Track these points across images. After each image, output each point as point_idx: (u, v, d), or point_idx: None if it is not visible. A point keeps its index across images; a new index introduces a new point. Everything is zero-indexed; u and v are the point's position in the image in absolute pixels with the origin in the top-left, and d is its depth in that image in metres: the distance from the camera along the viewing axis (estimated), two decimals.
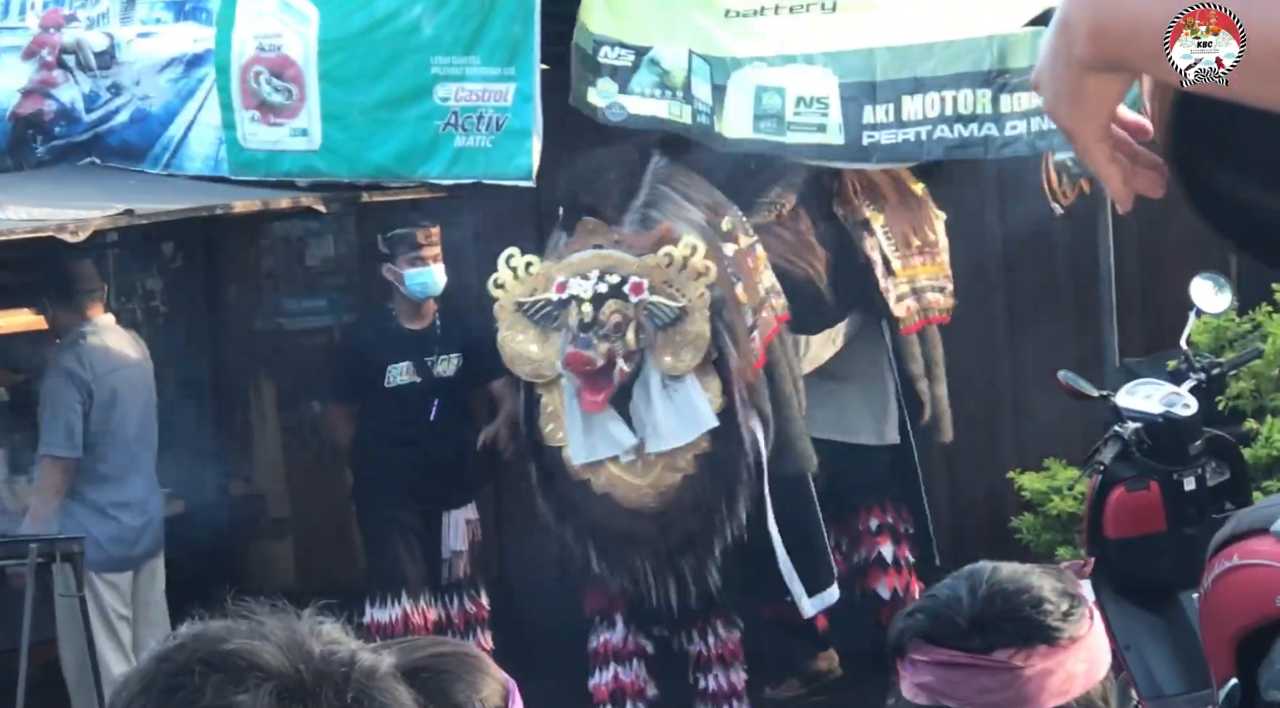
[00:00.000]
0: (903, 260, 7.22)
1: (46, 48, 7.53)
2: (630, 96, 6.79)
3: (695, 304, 6.20)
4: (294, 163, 7.28)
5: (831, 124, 6.66)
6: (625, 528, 6.38)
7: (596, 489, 6.38)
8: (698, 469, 6.30)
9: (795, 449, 6.58)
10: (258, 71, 7.21)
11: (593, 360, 6.11)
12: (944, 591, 2.00)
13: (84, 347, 7.11)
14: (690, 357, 6.21)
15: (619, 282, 6.21)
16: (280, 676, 1.26)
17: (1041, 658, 1.94)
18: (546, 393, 6.43)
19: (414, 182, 7.23)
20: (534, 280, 6.33)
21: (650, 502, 6.33)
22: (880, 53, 6.65)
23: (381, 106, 7.10)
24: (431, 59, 7.02)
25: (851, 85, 6.64)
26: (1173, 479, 5.64)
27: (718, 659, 6.68)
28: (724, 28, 6.80)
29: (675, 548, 6.37)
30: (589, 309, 6.19)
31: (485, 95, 6.98)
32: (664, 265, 6.19)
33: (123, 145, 7.48)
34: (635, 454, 6.32)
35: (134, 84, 7.43)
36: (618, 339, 6.17)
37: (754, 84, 6.71)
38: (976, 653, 1.93)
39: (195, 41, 7.38)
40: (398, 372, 7.29)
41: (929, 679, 1.94)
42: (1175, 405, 5.69)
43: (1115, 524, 5.67)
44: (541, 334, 6.33)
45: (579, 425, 6.32)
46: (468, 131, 6.99)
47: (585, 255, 6.28)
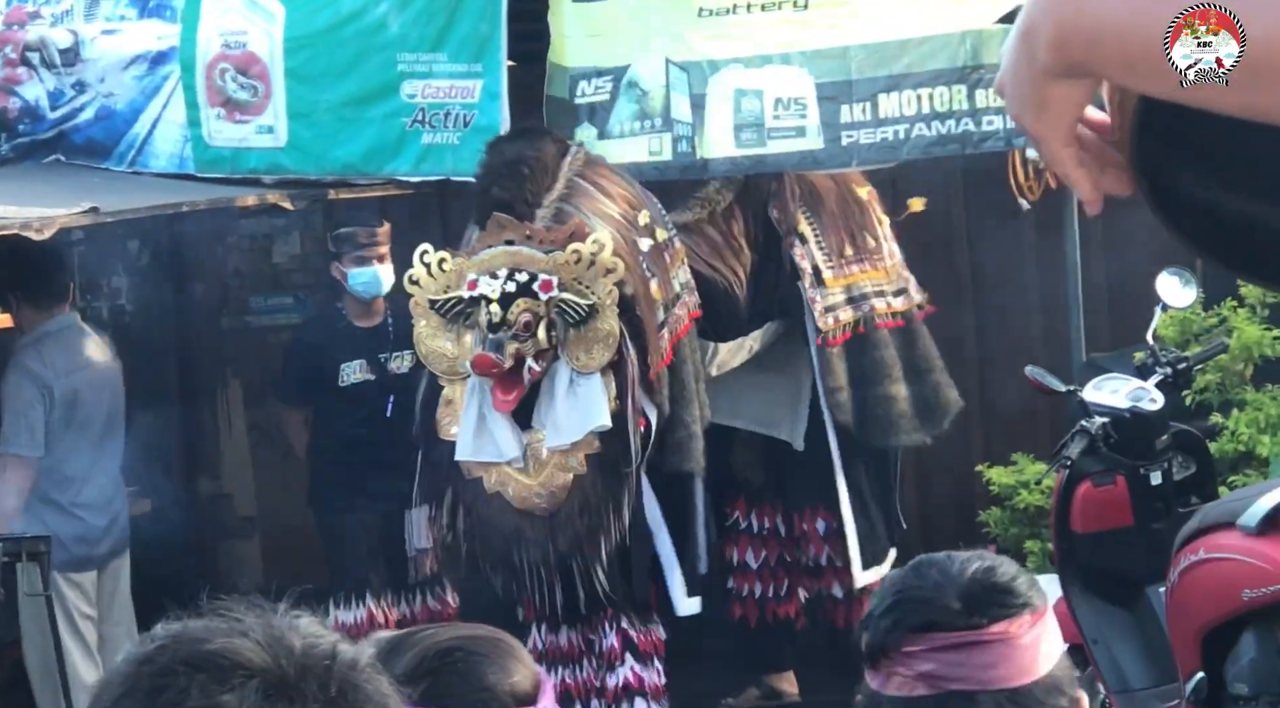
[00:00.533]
0: (835, 270, 7.14)
1: (10, 45, 7.50)
2: (609, 141, 6.81)
3: (605, 301, 6.13)
4: (260, 160, 7.25)
5: (810, 126, 6.68)
6: (514, 527, 6.31)
7: (488, 487, 6.31)
8: (589, 469, 6.24)
9: (689, 449, 6.50)
10: (223, 68, 7.19)
11: (499, 363, 6.03)
12: (913, 582, 2.04)
13: (46, 345, 7.09)
14: (601, 353, 6.15)
15: (528, 280, 6.12)
16: (264, 673, 1.26)
17: (1029, 626, 2.02)
18: (449, 386, 6.37)
19: (381, 179, 7.21)
20: (447, 277, 6.25)
21: (541, 502, 6.26)
22: (855, 51, 6.67)
23: (348, 104, 7.09)
24: (398, 56, 7.01)
25: (828, 85, 6.67)
26: (1139, 474, 5.66)
27: (629, 652, 6.54)
28: (698, 28, 6.81)
29: (563, 551, 6.30)
30: (497, 309, 6.10)
31: (452, 92, 6.97)
32: (573, 262, 6.11)
33: (88, 143, 7.45)
34: (521, 461, 6.27)
35: (99, 81, 7.40)
36: (527, 338, 6.10)
37: (733, 88, 6.73)
38: (978, 629, 1.99)
39: (160, 39, 7.35)
40: (351, 370, 7.28)
41: (930, 667, 1.98)
42: (1142, 400, 5.70)
43: (1082, 519, 5.69)
44: (455, 332, 6.27)
45: (471, 424, 6.25)
46: (435, 128, 6.98)
47: (495, 252, 6.19)
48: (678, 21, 6.84)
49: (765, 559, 7.47)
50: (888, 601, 2.04)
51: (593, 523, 6.27)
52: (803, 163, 6.83)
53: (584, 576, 6.33)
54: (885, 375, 7.22)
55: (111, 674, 1.29)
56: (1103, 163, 1.35)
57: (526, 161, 6.28)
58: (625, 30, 6.90)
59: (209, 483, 9.38)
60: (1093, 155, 1.35)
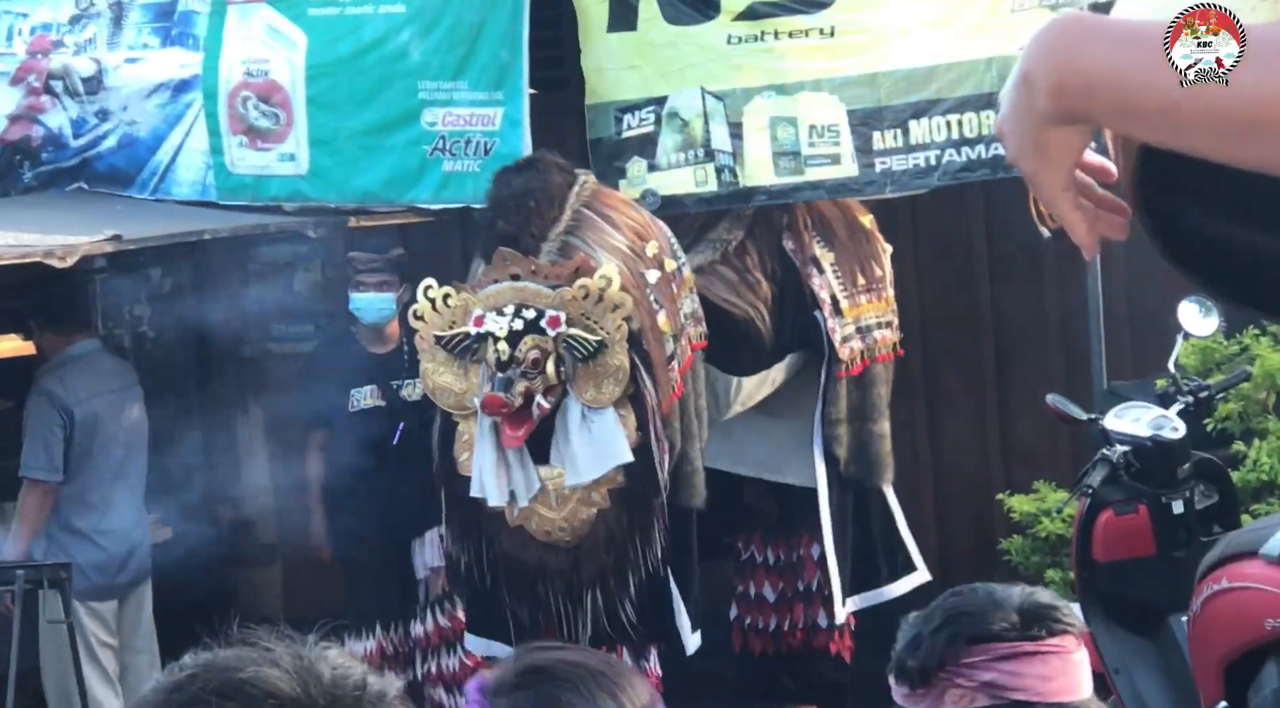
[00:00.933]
0: (850, 300, 7.13)
1: (34, 74, 7.53)
2: (659, 172, 6.83)
3: (614, 336, 6.08)
4: (281, 188, 7.28)
5: (845, 153, 6.71)
6: (538, 560, 6.27)
7: (510, 521, 6.27)
8: (612, 504, 6.19)
9: (691, 483, 6.46)
10: (245, 97, 7.22)
11: (509, 403, 5.98)
12: (964, 602, 2.09)
13: (68, 370, 7.13)
14: (612, 388, 6.11)
15: (535, 316, 6.08)
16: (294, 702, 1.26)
17: (1077, 644, 2.11)
18: (464, 421, 6.33)
19: (402, 206, 7.23)
20: (453, 313, 6.21)
21: (565, 536, 6.22)
22: (883, 77, 6.70)
23: (369, 132, 7.11)
24: (419, 84, 7.03)
25: (859, 112, 6.70)
26: (1161, 502, 5.64)
27: None
28: (729, 56, 6.83)
29: (588, 583, 6.25)
30: (505, 347, 6.05)
31: (473, 120, 6.98)
32: (580, 298, 6.07)
33: (110, 170, 7.48)
34: (529, 502, 6.23)
35: (121, 109, 7.43)
36: (536, 375, 6.05)
37: (767, 116, 6.75)
38: (1036, 640, 2.06)
39: (183, 67, 7.38)
40: (361, 395, 7.26)
41: (991, 677, 2.02)
42: (1163, 428, 5.69)
43: (1104, 547, 5.67)
44: (461, 367, 6.23)
45: (485, 462, 6.20)
46: (455, 156, 6.99)
47: (501, 288, 6.14)
48: (709, 50, 6.87)
49: (782, 592, 7.44)
50: (937, 620, 2.07)
51: (619, 556, 6.23)
52: (839, 190, 6.85)
53: (609, 610, 6.28)
54: (879, 413, 7.23)
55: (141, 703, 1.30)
56: (1099, 207, 1.37)
57: (533, 194, 6.23)
58: (660, 60, 6.92)
59: (229, 510, 9.39)
60: (1089, 200, 1.36)
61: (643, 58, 6.96)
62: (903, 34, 6.78)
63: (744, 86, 6.82)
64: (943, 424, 8.72)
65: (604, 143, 6.98)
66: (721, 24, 6.89)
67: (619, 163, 6.91)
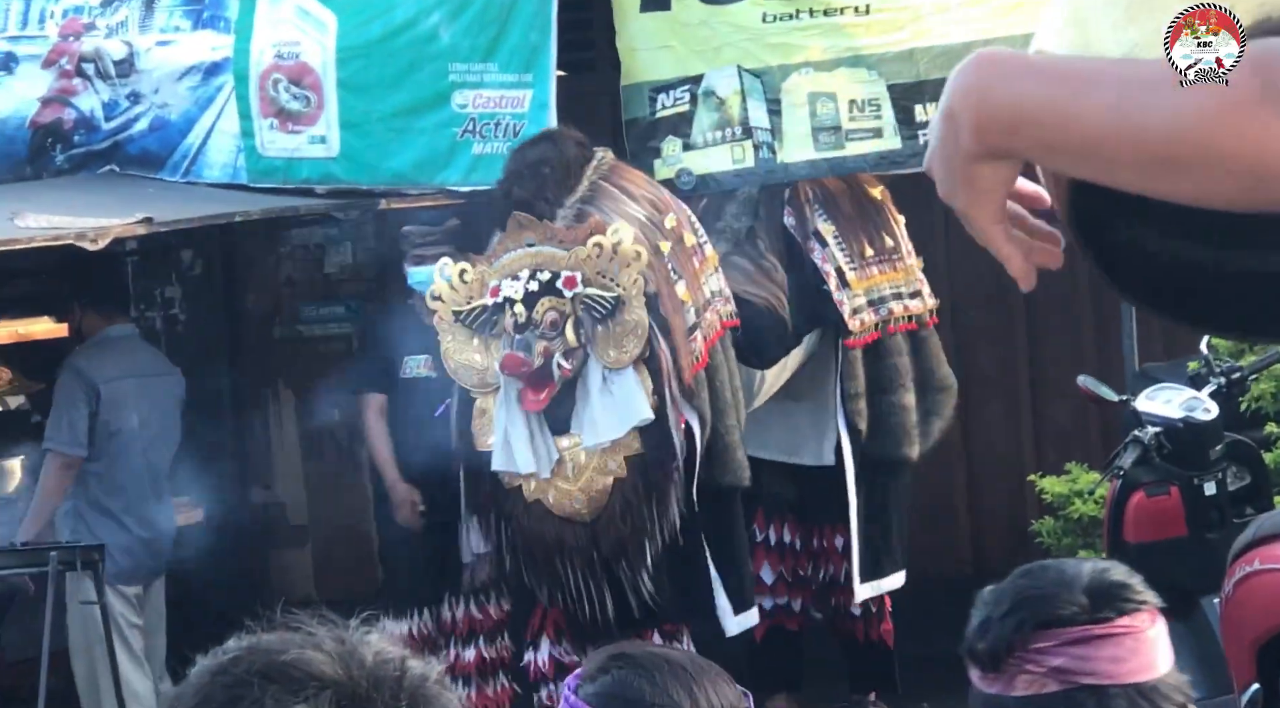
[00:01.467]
0: (857, 272, 7.02)
1: (66, 56, 7.55)
2: (694, 152, 6.81)
3: (631, 291, 6.05)
4: (312, 170, 7.29)
5: (887, 127, 6.69)
6: (556, 536, 6.22)
7: (528, 495, 6.23)
8: (629, 472, 6.15)
9: (732, 460, 6.39)
10: (276, 79, 7.23)
11: (528, 361, 5.98)
12: (1033, 583, 2.08)
13: (101, 349, 7.19)
14: (633, 345, 6.07)
15: (550, 278, 6.05)
16: (337, 684, 1.27)
17: (1151, 621, 2.05)
18: (482, 398, 6.31)
19: (432, 189, 7.24)
20: (469, 288, 6.19)
21: (581, 508, 6.18)
22: (921, 52, 6.69)
23: (400, 114, 7.11)
24: (449, 66, 7.03)
25: (899, 87, 6.69)
26: (1193, 484, 5.63)
27: None
28: (764, 34, 6.81)
29: (607, 557, 6.20)
30: (522, 309, 6.04)
31: (503, 102, 6.99)
32: (594, 256, 6.04)
33: (142, 153, 7.50)
34: (548, 474, 6.18)
35: (153, 92, 7.44)
36: (555, 337, 6.04)
37: (806, 92, 6.74)
38: (1106, 623, 2.02)
39: (214, 49, 7.39)
40: (415, 363, 7.16)
41: (1060, 662, 2.01)
42: (1195, 410, 5.67)
43: (1135, 529, 5.66)
44: (483, 343, 6.21)
45: (502, 434, 6.18)
46: (485, 138, 6.99)
47: (516, 255, 6.13)
48: (744, 28, 6.86)
49: (780, 574, 7.30)
50: (1006, 604, 2.06)
51: (636, 526, 6.18)
52: (880, 164, 6.83)
53: (630, 584, 6.25)
54: (899, 384, 7.10)
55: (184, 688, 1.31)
56: (1032, 237, 1.36)
57: (548, 162, 6.22)
58: (695, 40, 6.92)
59: (261, 492, 9.42)
60: (1023, 229, 1.36)
61: (676, 37, 6.95)
62: (938, 11, 6.76)
63: (780, 63, 6.81)
64: (974, 406, 8.71)
65: (638, 123, 6.97)
66: (756, 2, 6.87)
67: (653, 143, 6.90)
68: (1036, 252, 1.37)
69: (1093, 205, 1.31)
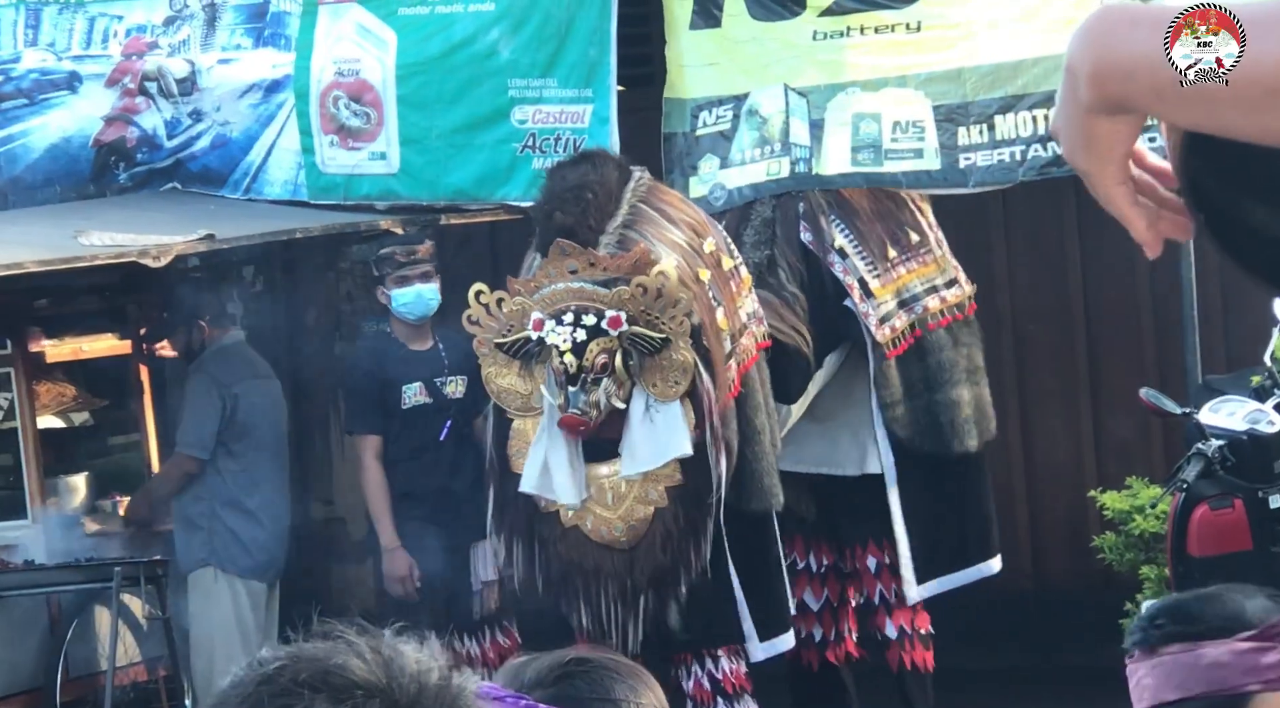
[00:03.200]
0: (881, 277, 6.87)
1: (129, 75, 7.62)
2: (730, 169, 6.79)
3: (676, 332, 5.98)
4: (372, 186, 7.33)
5: (928, 148, 6.66)
6: (594, 562, 6.15)
7: (565, 521, 6.17)
8: (669, 503, 6.09)
9: (762, 485, 6.30)
10: (336, 96, 7.27)
11: (586, 421, 5.91)
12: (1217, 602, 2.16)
13: (228, 355, 7.39)
14: (678, 381, 6.01)
15: (595, 321, 5.96)
16: (383, 693, 1.27)
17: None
18: (520, 420, 6.24)
19: (492, 204, 7.25)
20: (509, 318, 6.10)
21: (621, 536, 6.12)
22: (969, 72, 6.66)
23: (460, 130, 7.14)
24: (509, 82, 7.06)
25: (944, 107, 6.66)
26: (1257, 497, 5.58)
27: (719, 694, 6.30)
28: (814, 52, 6.80)
29: (642, 585, 6.13)
30: (572, 359, 5.93)
31: (562, 117, 7.00)
32: (639, 295, 5.97)
33: (203, 171, 7.56)
34: (580, 506, 6.11)
35: (214, 110, 7.50)
36: (606, 377, 5.95)
37: (851, 113, 6.72)
38: None
39: (274, 67, 7.45)
40: (411, 392, 7.11)
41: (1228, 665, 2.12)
42: (1259, 422, 5.63)
43: (1199, 543, 5.61)
44: (526, 369, 6.12)
45: (541, 459, 6.11)
46: (545, 153, 7.01)
47: (557, 290, 6.02)
48: (794, 46, 6.85)
49: (827, 599, 7.15)
50: None
51: (675, 556, 6.12)
52: (918, 182, 6.79)
53: (660, 612, 6.17)
54: (946, 380, 6.95)
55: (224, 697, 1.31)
56: (1162, 207, 1.36)
57: (590, 187, 6.11)
58: (743, 57, 6.91)
59: (322, 507, 9.46)
60: (1152, 199, 1.36)
61: (724, 54, 6.94)
62: (990, 28, 6.74)
63: (828, 83, 6.79)
64: (1035, 419, 8.67)
65: (677, 138, 6.95)
66: (807, 20, 6.86)
67: (690, 160, 6.88)
68: (1165, 222, 1.36)
69: (1205, 175, 1.31)
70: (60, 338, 8.00)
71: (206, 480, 7.26)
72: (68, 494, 7.94)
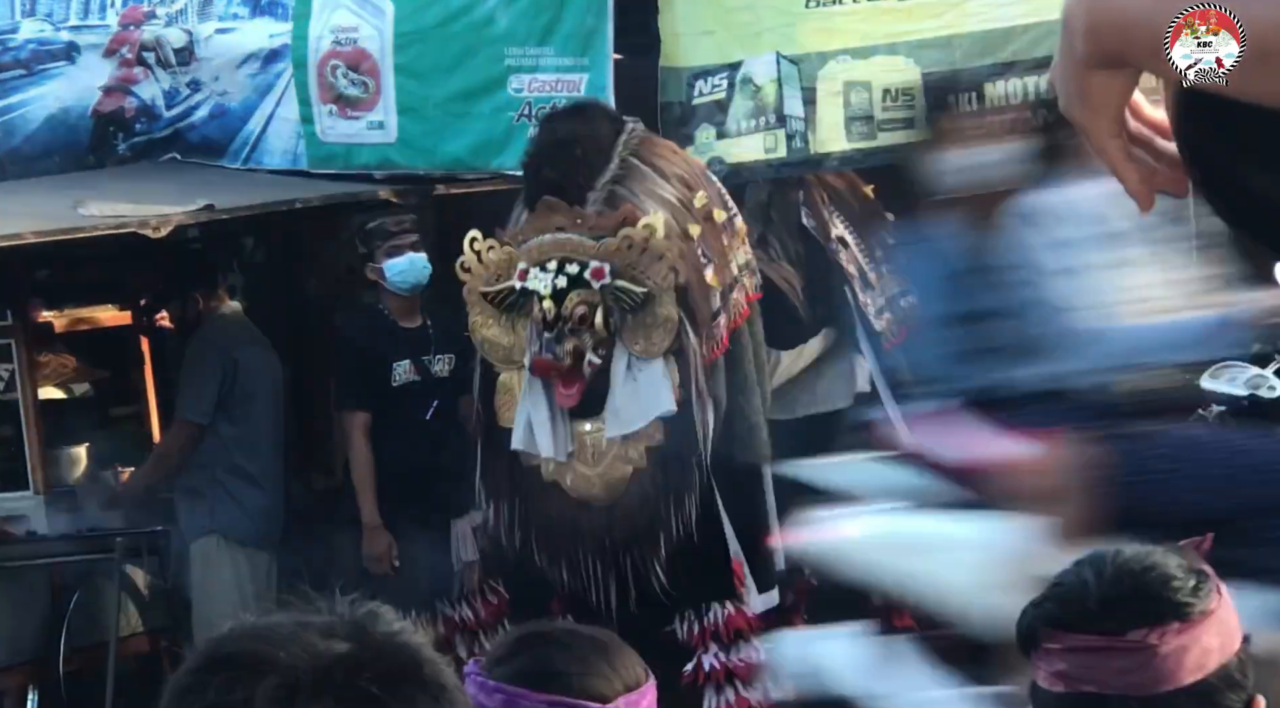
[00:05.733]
0: (875, 271, 6.97)
1: (126, 45, 7.61)
2: (728, 140, 6.78)
3: (661, 286, 5.93)
4: (371, 156, 7.32)
5: (919, 118, 6.65)
6: (571, 518, 6.12)
7: (545, 476, 6.14)
8: (649, 462, 6.05)
9: (754, 439, 6.29)
10: (334, 65, 7.26)
11: (558, 364, 5.89)
12: (1069, 576, 1.99)
13: (224, 323, 7.40)
14: (661, 338, 5.96)
15: (579, 270, 5.92)
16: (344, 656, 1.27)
17: (1175, 635, 1.94)
18: (506, 374, 6.21)
19: (489, 173, 7.25)
20: (496, 266, 6.07)
21: (599, 492, 6.09)
22: (959, 39, 6.64)
23: (456, 99, 7.13)
24: (505, 51, 7.05)
25: (935, 75, 6.65)
26: None
27: (714, 640, 6.26)
28: (806, 20, 6.79)
29: (621, 543, 6.09)
30: (550, 305, 5.91)
31: (559, 86, 6.99)
32: (624, 248, 5.92)
33: (203, 141, 7.55)
34: (565, 458, 6.09)
35: (213, 80, 7.49)
36: (584, 330, 5.92)
37: (841, 81, 6.71)
38: (1111, 635, 1.94)
39: (272, 37, 7.43)
40: (401, 369, 7.10)
41: (1064, 667, 1.93)
42: (1261, 387, 5.63)
43: None
44: (509, 321, 6.11)
45: (525, 415, 6.09)
46: None
47: (543, 241, 5.98)
48: (786, 12, 6.84)
49: None
50: (1043, 592, 2.00)
51: (652, 518, 6.08)
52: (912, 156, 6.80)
53: (640, 573, 6.13)
54: None
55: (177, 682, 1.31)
56: (1159, 161, 1.36)
57: (580, 141, 6.04)
58: (737, 25, 6.89)
59: (322, 478, 9.46)
60: (1149, 152, 1.36)
61: (718, 22, 6.92)
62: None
63: (819, 50, 6.77)
64: None
65: (674, 108, 6.93)
66: None
67: (686, 130, 6.86)
68: (1160, 176, 1.36)
69: (1200, 131, 1.31)
70: (61, 309, 8.01)
71: (208, 447, 7.27)
72: (69, 466, 7.95)
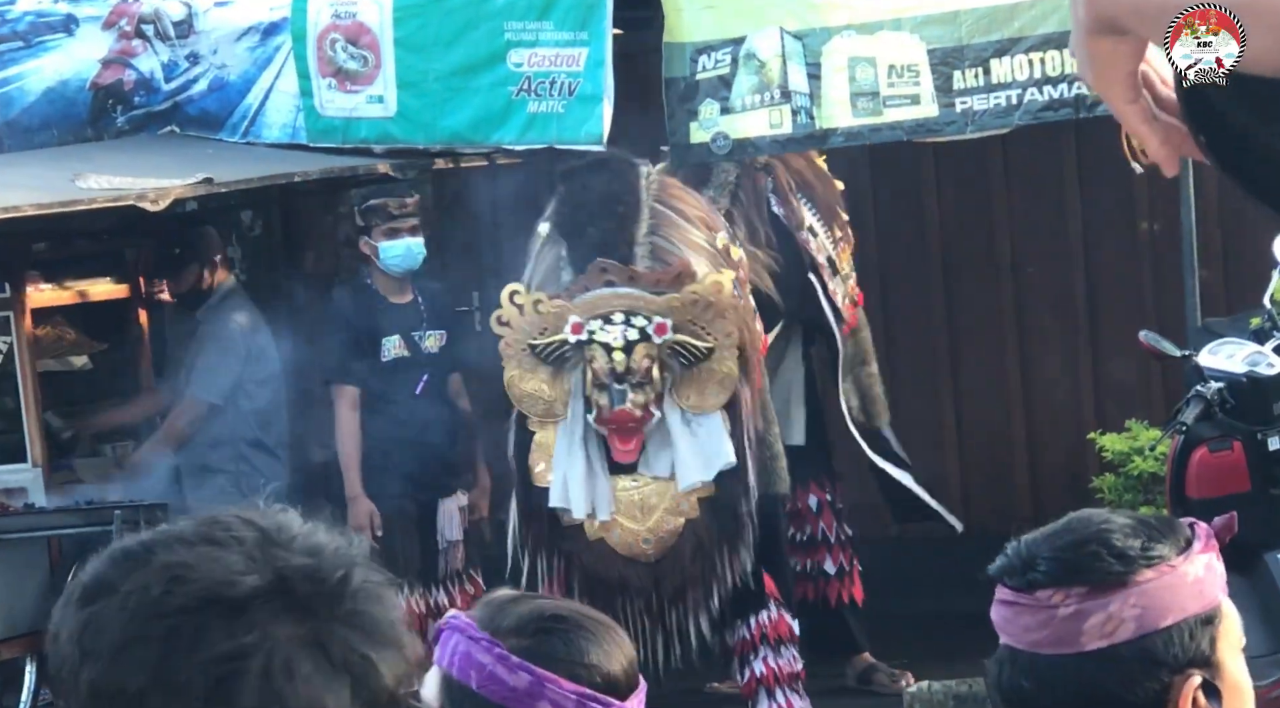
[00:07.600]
0: (838, 255, 7.12)
1: (125, 18, 7.59)
2: (732, 115, 6.77)
3: (723, 343, 6.02)
4: (370, 130, 7.30)
5: (924, 93, 6.64)
6: (619, 576, 6.16)
7: (590, 535, 6.15)
8: (701, 513, 6.10)
9: (775, 469, 6.41)
10: (334, 39, 7.24)
11: (633, 415, 5.94)
12: (1026, 535, 2.01)
13: (233, 299, 7.54)
14: (716, 393, 6.04)
15: (644, 324, 5.98)
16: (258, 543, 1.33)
17: (1079, 599, 1.92)
18: (541, 431, 6.22)
19: (487, 148, 7.24)
20: (544, 319, 6.09)
21: (649, 549, 6.12)
22: (964, 15, 6.63)
23: (456, 73, 7.12)
24: (505, 25, 7.03)
25: (939, 51, 6.63)
26: (1256, 439, 5.60)
27: (762, 641, 6.37)
28: None
29: (670, 599, 6.14)
30: (621, 357, 5.95)
31: (558, 60, 6.98)
32: (688, 304, 6.00)
33: (201, 114, 7.53)
34: (607, 517, 6.10)
35: (212, 53, 7.47)
36: (648, 384, 5.97)
37: (846, 56, 6.69)
38: (1020, 591, 1.94)
39: (271, 10, 7.42)
40: (391, 344, 7.10)
41: (996, 617, 1.97)
42: (1259, 365, 5.64)
43: (1198, 485, 5.63)
44: (553, 374, 6.12)
45: (574, 473, 6.10)
46: (540, 97, 6.99)
47: (600, 295, 6.03)
48: None
49: None
50: None
51: (705, 567, 6.14)
52: (917, 131, 6.80)
53: (683, 626, 6.17)
54: (871, 354, 7.33)
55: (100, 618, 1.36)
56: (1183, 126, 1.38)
57: (621, 199, 6.13)
58: (741, 3, 6.87)
59: (320, 451, 9.46)
60: (1175, 116, 1.37)
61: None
62: None
63: (823, 25, 6.76)
64: (1034, 362, 8.67)
65: (677, 83, 6.92)
66: None
67: (690, 105, 6.85)
68: (1188, 142, 1.37)
69: (1212, 96, 1.32)
70: (59, 282, 8.00)
71: (228, 423, 7.35)
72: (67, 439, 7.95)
